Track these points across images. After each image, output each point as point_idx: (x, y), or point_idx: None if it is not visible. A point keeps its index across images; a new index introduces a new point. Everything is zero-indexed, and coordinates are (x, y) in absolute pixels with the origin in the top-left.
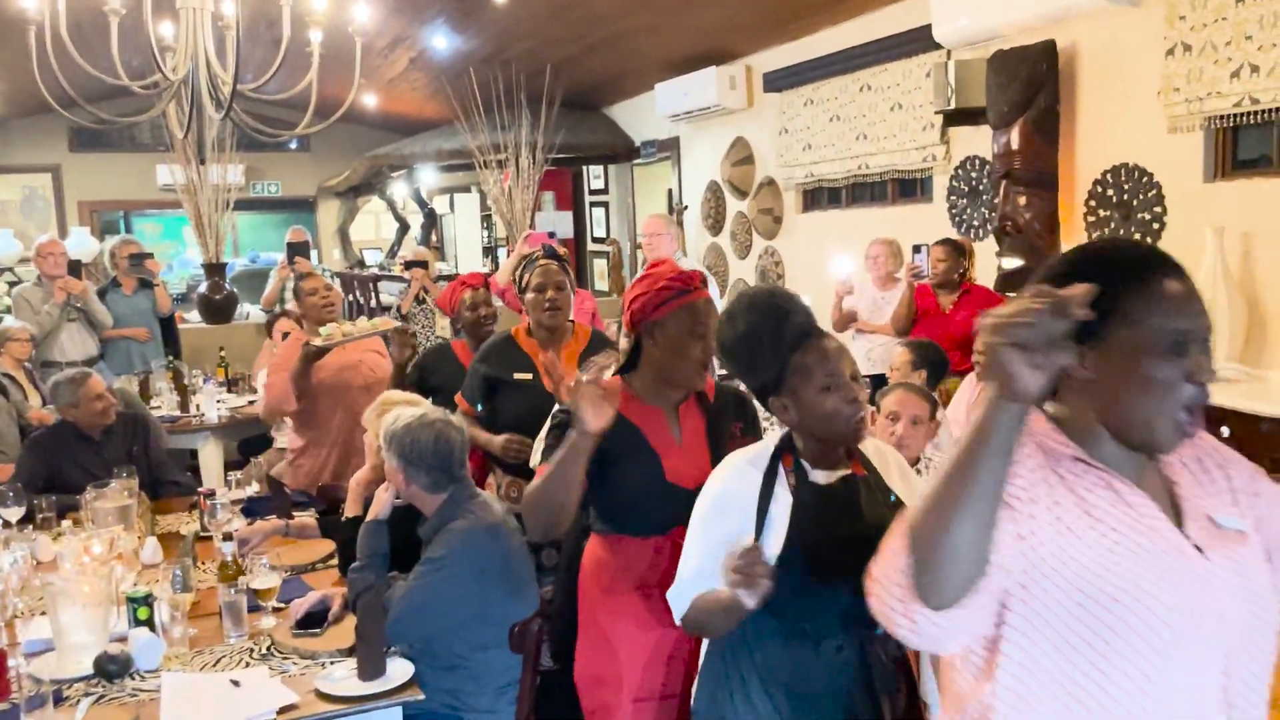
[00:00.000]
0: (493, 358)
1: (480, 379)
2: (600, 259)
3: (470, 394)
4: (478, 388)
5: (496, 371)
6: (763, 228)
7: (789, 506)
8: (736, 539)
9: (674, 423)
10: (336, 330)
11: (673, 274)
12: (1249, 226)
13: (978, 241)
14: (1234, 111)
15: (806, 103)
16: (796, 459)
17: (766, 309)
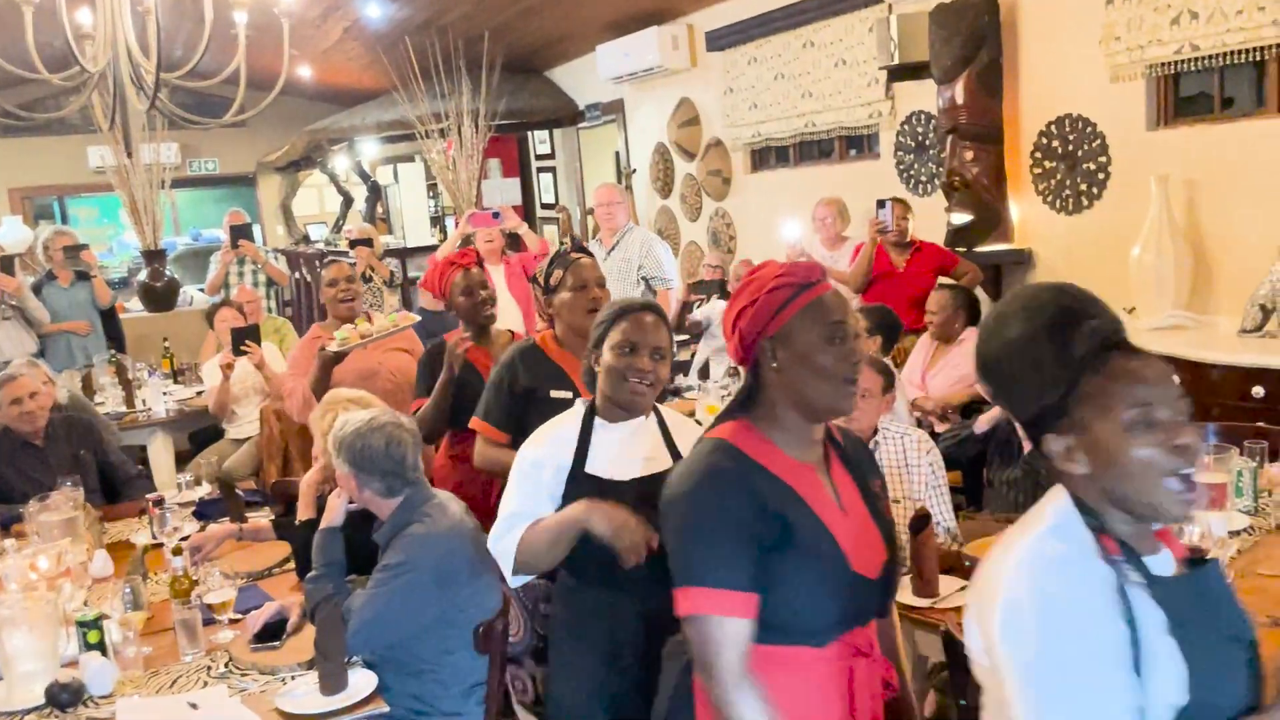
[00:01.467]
0: (522, 370)
1: (510, 397)
2: (550, 225)
3: (498, 416)
4: (508, 409)
5: (533, 384)
6: (712, 189)
7: (1165, 626)
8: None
9: (828, 481)
10: (353, 333)
11: (781, 270)
12: (1192, 174)
13: (926, 197)
14: (1175, 59)
15: (750, 61)
16: (1122, 544)
17: (1051, 309)
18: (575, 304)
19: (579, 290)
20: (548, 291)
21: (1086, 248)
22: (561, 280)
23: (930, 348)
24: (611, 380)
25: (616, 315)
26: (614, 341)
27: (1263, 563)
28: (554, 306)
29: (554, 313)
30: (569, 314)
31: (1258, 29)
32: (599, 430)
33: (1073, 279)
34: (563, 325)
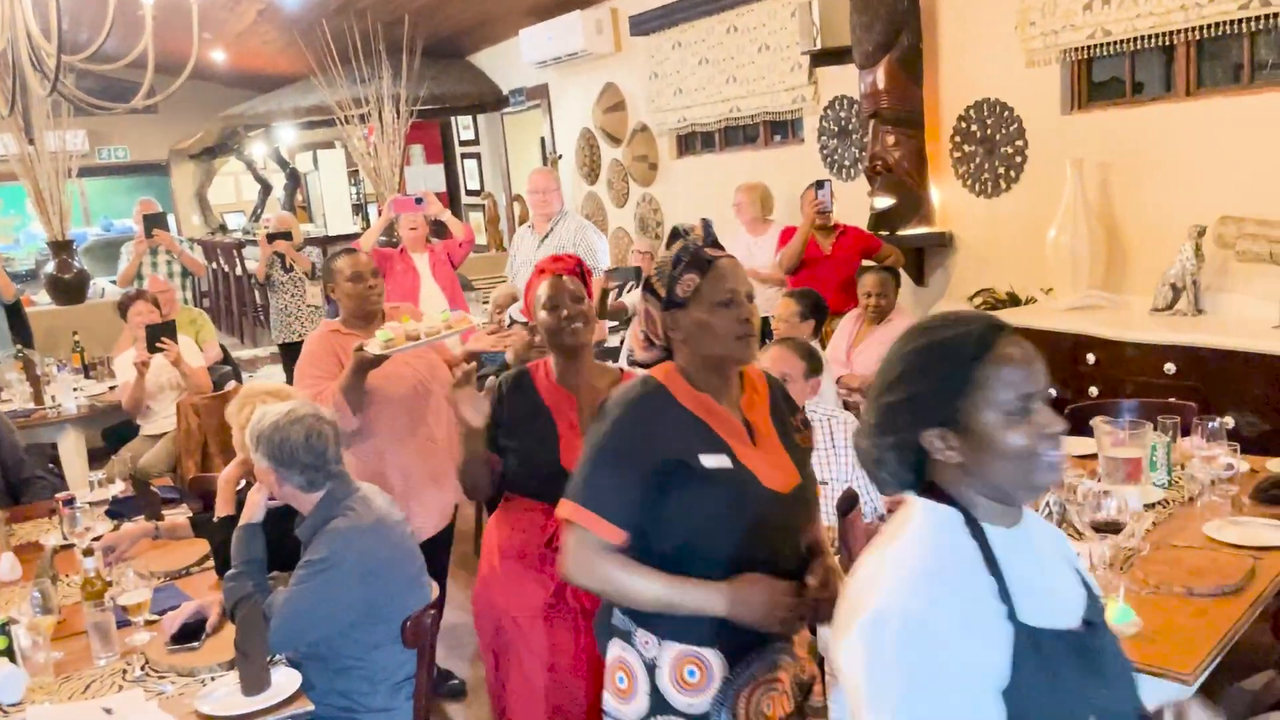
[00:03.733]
0: (654, 426)
1: (636, 469)
2: (475, 212)
3: (616, 503)
4: (630, 488)
5: (674, 448)
6: (639, 175)
7: None
8: None
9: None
10: (399, 333)
11: None
12: (1105, 157)
13: (849, 181)
14: (1088, 43)
15: (675, 46)
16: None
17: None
18: (723, 326)
19: (724, 306)
20: (671, 305)
21: (1005, 230)
22: (697, 290)
23: (855, 326)
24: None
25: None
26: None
27: (1177, 535)
28: (681, 327)
29: (681, 336)
30: (712, 340)
31: (1167, 14)
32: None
33: (991, 261)
34: (695, 353)
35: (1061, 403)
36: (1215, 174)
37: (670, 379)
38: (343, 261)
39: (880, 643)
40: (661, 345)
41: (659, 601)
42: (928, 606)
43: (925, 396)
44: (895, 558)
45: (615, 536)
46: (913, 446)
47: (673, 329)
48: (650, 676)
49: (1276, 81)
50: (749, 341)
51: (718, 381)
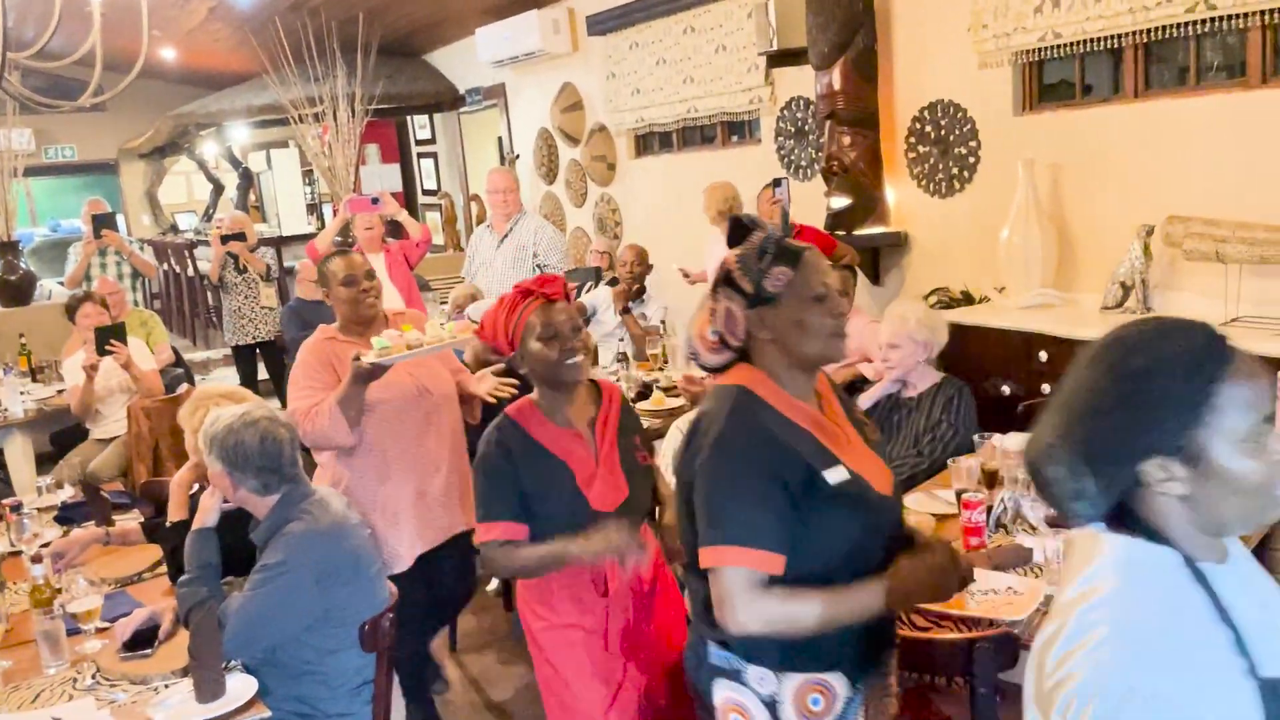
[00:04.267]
0: (775, 439)
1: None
2: (433, 211)
3: (766, 527)
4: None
5: (797, 466)
6: (597, 175)
7: None
8: None
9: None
10: (398, 341)
11: None
12: (1056, 157)
13: (806, 182)
14: (1038, 46)
15: (632, 46)
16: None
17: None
18: (818, 323)
19: (818, 302)
20: (760, 301)
21: (959, 230)
22: (790, 284)
23: None
24: None
25: None
26: None
27: None
28: (770, 326)
29: (769, 336)
30: (806, 339)
31: (1115, 17)
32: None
33: (946, 260)
34: (786, 354)
35: (1014, 400)
36: (1163, 174)
37: (763, 386)
38: (336, 263)
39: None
40: (737, 347)
41: (825, 621)
42: (1171, 681)
43: (1149, 423)
44: (1115, 617)
45: (777, 565)
46: (1125, 477)
47: (760, 328)
48: (771, 712)
49: (1221, 84)
50: (843, 340)
51: (805, 384)
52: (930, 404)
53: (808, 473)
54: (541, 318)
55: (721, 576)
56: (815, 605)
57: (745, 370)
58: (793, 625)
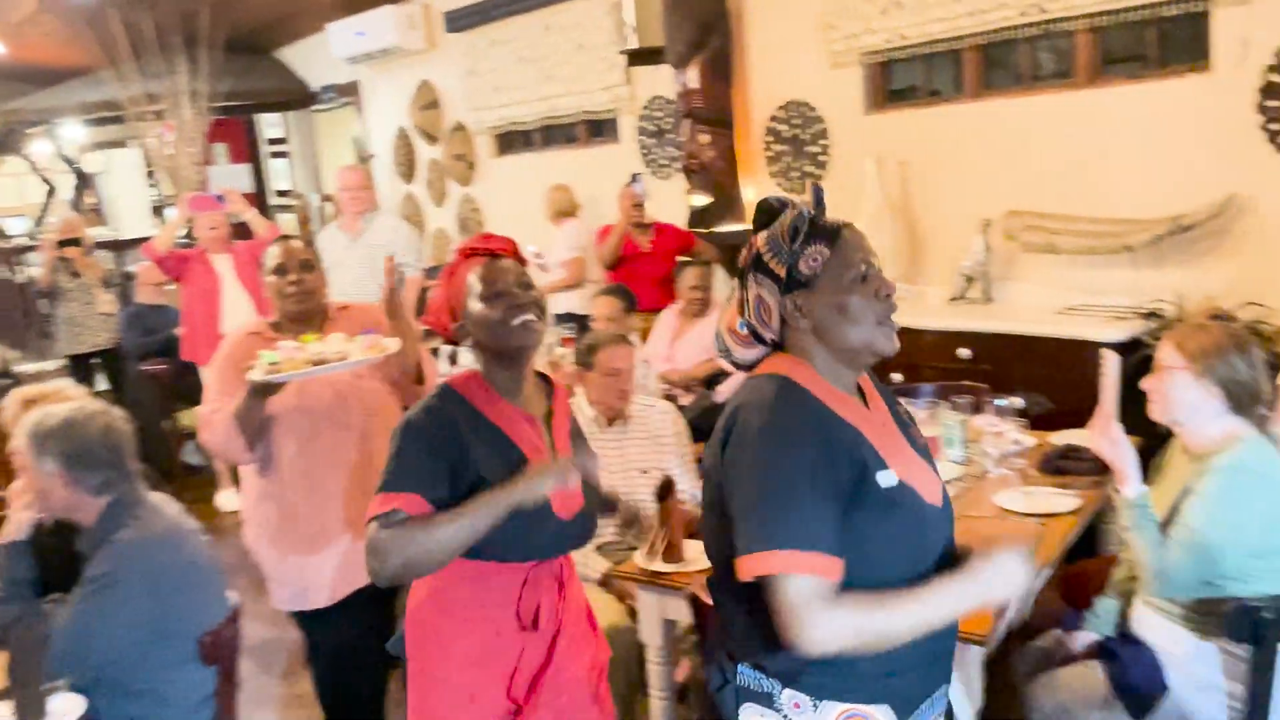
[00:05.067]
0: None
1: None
2: (286, 214)
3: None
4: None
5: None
6: (457, 174)
7: None
8: None
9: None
10: (294, 355)
11: None
12: (904, 155)
13: (667, 180)
14: (885, 47)
15: (491, 43)
16: None
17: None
18: (862, 307)
19: (860, 282)
20: (794, 286)
21: None
22: (826, 265)
23: (675, 322)
24: None
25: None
26: None
27: (971, 507)
28: (808, 313)
29: (807, 324)
30: (849, 326)
31: (955, 20)
32: None
33: None
34: (827, 344)
35: None
36: (1002, 171)
37: (805, 376)
38: (271, 250)
39: None
40: (772, 338)
41: (918, 625)
42: None
43: None
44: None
45: (838, 571)
46: None
47: (796, 316)
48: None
49: (1054, 84)
50: (892, 327)
51: (849, 377)
52: None
53: (859, 473)
54: (484, 275)
55: (785, 587)
56: (902, 607)
57: (783, 360)
58: (881, 636)
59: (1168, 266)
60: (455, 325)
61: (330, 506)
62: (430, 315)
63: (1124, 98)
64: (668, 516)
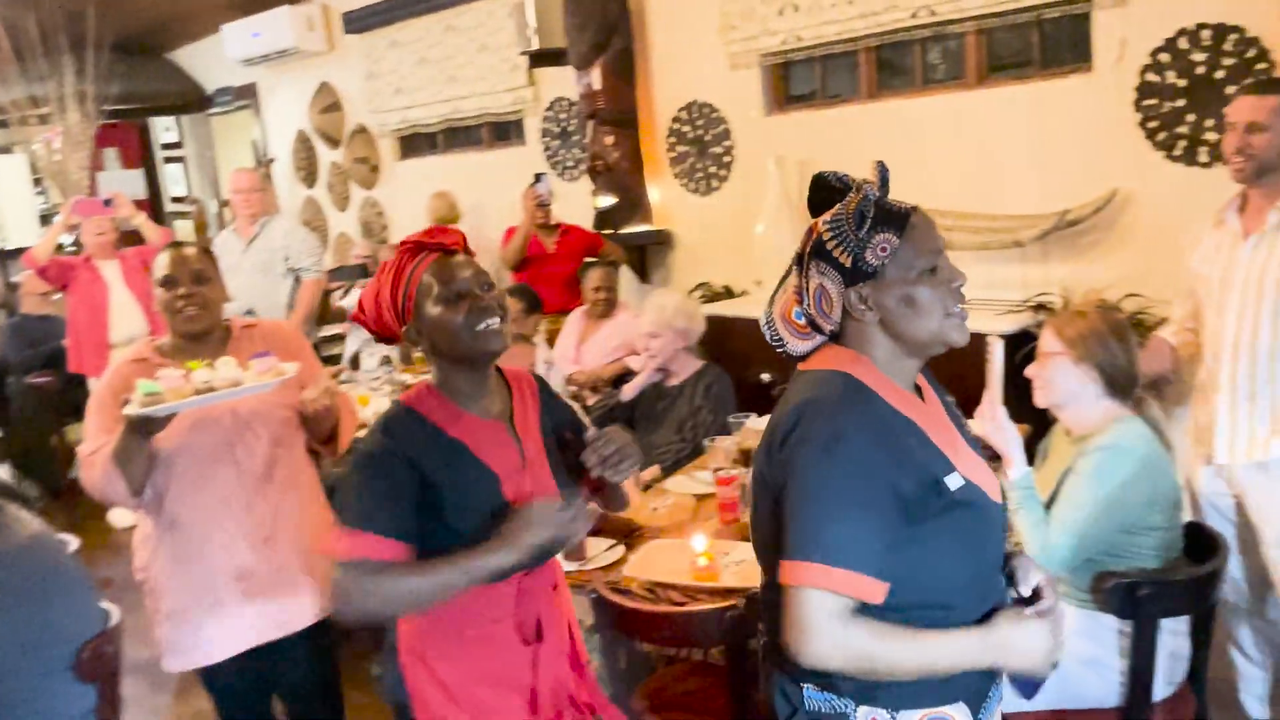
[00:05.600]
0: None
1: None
2: (183, 220)
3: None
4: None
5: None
6: (360, 178)
7: None
8: None
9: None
10: (179, 384)
11: None
12: (804, 155)
13: (573, 182)
14: (783, 48)
15: (392, 44)
16: None
17: None
18: (931, 300)
19: (931, 273)
20: (860, 276)
21: (718, 227)
22: (895, 254)
23: (581, 324)
24: None
25: None
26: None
27: None
28: (875, 305)
29: (874, 317)
30: (919, 319)
31: (849, 21)
32: None
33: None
34: (893, 338)
35: (773, 386)
36: (897, 169)
37: (868, 373)
38: (161, 257)
39: None
40: (831, 329)
41: (925, 669)
42: None
43: None
44: None
45: (878, 594)
46: None
47: (861, 309)
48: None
49: (945, 85)
50: (963, 317)
51: (911, 373)
52: (692, 391)
53: (927, 478)
54: (439, 274)
55: (800, 598)
56: (910, 649)
57: (842, 354)
58: (874, 666)
59: (1055, 261)
60: (405, 328)
61: (227, 553)
62: (368, 314)
63: (1011, 98)
64: None
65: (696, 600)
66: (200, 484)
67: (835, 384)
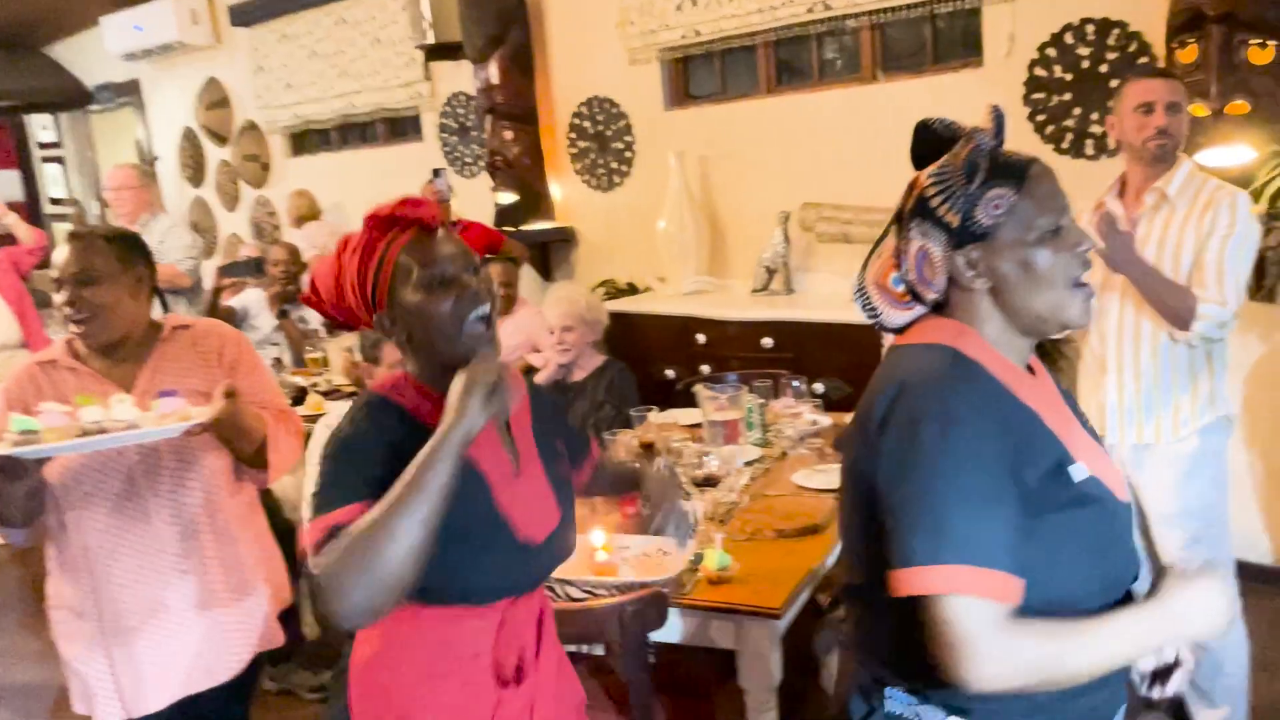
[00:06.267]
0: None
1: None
2: (63, 222)
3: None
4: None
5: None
6: (250, 176)
7: None
8: None
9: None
10: (63, 424)
11: None
12: (704, 150)
13: (472, 179)
14: (681, 43)
15: (281, 38)
16: None
17: None
18: (1053, 266)
19: (1054, 235)
20: (969, 237)
21: (621, 223)
22: (1011, 211)
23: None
24: None
25: None
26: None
27: (770, 486)
28: (986, 270)
29: (985, 284)
30: (1038, 288)
31: (747, 16)
32: None
33: (611, 253)
34: (1005, 309)
35: (675, 381)
36: (797, 164)
37: (978, 349)
38: (55, 255)
39: None
40: (935, 298)
41: (1106, 662)
42: None
43: None
44: None
45: (1018, 593)
46: None
47: (970, 274)
48: None
49: (842, 79)
50: (1089, 292)
51: (1025, 349)
52: (594, 386)
53: (1049, 466)
54: (419, 255)
55: (951, 610)
56: (1085, 646)
57: (946, 326)
58: (1050, 676)
59: None
60: (376, 316)
61: (135, 592)
62: (324, 298)
63: (906, 91)
64: None
65: (595, 596)
66: (102, 509)
67: (941, 359)
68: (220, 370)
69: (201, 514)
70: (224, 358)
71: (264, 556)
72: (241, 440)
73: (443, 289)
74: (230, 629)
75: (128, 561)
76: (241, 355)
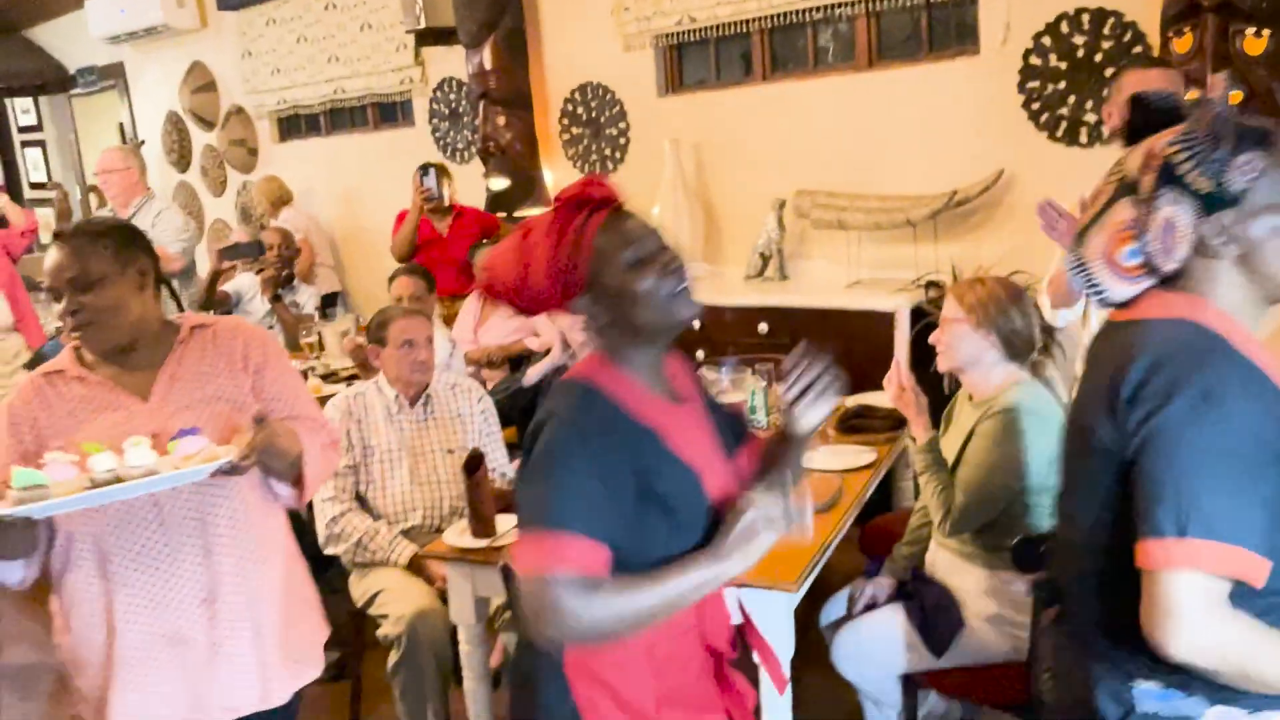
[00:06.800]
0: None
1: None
2: (44, 207)
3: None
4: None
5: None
6: (237, 161)
7: None
8: None
9: None
10: (73, 473)
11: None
12: (698, 137)
13: (464, 164)
14: (676, 29)
15: (269, 22)
16: None
17: None
18: None
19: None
20: (1218, 203)
21: None
22: (1262, 177)
23: (479, 305)
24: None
25: None
26: None
27: None
28: (1238, 238)
29: (1235, 253)
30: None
31: (742, 2)
32: None
33: None
34: (1251, 284)
35: None
36: (791, 150)
37: (1225, 326)
38: (46, 257)
39: None
40: (1173, 269)
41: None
42: None
43: None
44: None
45: (1262, 574)
46: None
47: (1218, 240)
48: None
49: (837, 67)
50: None
51: (1260, 320)
52: None
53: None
54: (618, 237)
55: (1174, 580)
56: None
57: (1183, 300)
58: (1245, 670)
59: (945, 240)
60: (579, 300)
61: (151, 620)
62: (507, 286)
63: (901, 79)
64: (476, 490)
65: None
66: (122, 525)
67: (1189, 334)
68: (246, 375)
69: (228, 529)
70: (250, 360)
71: (297, 583)
72: (275, 462)
73: (647, 266)
74: (243, 662)
75: (147, 587)
76: (269, 357)
